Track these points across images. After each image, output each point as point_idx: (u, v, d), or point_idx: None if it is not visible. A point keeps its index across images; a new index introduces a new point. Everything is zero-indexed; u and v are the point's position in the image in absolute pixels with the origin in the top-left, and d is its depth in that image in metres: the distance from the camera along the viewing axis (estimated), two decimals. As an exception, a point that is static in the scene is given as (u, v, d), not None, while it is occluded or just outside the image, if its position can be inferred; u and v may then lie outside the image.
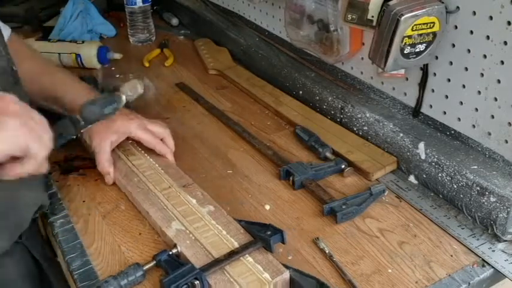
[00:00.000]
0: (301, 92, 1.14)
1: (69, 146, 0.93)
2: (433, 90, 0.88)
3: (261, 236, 0.72)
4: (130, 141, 0.95)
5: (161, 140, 0.94)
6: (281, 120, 1.09)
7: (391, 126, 0.93)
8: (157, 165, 0.91)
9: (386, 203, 0.85)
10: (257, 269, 0.68)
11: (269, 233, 0.72)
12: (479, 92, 0.79)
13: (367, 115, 0.97)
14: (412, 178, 0.89)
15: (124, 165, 0.91)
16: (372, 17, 0.84)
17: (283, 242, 0.73)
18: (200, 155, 0.99)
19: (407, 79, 0.92)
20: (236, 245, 0.73)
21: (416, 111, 0.92)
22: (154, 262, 0.71)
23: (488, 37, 0.75)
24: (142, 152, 0.94)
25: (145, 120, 0.94)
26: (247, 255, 0.71)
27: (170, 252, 0.72)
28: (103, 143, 0.89)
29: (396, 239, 0.77)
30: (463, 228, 0.79)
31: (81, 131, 0.81)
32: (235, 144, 1.02)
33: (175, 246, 0.73)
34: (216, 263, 0.69)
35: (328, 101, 1.06)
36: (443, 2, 0.78)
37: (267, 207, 0.85)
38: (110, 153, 0.90)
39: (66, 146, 0.95)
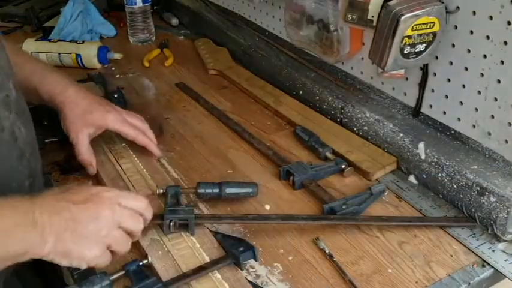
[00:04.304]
0: (301, 92, 1.14)
1: (69, 146, 0.94)
2: (433, 90, 0.88)
3: (233, 251, 0.72)
4: (123, 144, 0.96)
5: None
6: (281, 120, 1.09)
7: (391, 126, 0.93)
8: (145, 170, 0.91)
9: (386, 202, 0.85)
10: (223, 286, 0.68)
11: (241, 249, 0.71)
12: (479, 92, 0.79)
13: (367, 115, 0.97)
14: (412, 178, 0.89)
15: (112, 169, 0.91)
16: (372, 17, 0.84)
17: (255, 259, 0.72)
18: (200, 155, 0.99)
19: (407, 79, 0.92)
20: (207, 259, 0.72)
21: (416, 111, 0.92)
22: (123, 272, 0.70)
23: (488, 37, 0.75)
24: (134, 156, 0.94)
25: (123, 113, 0.93)
26: (215, 271, 0.70)
27: (140, 263, 0.71)
28: (80, 134, 0.88)
29: (396, 239, 0.77)
30: (463, 228, 0.79)
31: None
32: (235, 144, 1.02)
33: (146, 256, 0.73)
34: (182, 278, 0.69)
35: (328, 101, 1.06)
36: (443, 2, 0.78)
37: (267, 207, 0.84)
38: (89, 145, 0.89)
39: (66, 146, 0.95)
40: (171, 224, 0.75)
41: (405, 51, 0.80)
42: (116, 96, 1.13)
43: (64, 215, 0.63)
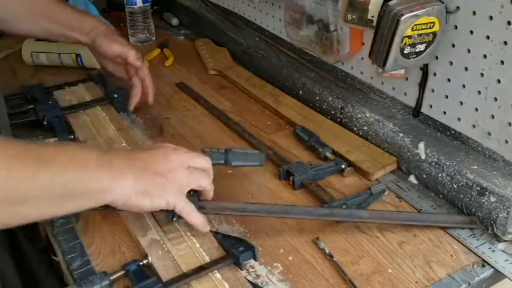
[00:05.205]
0: (301, 92, 1.14)
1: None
2: (433, 90, 0.88)
3: (233, 252, 0.72)
4: (123, 144, 0.95)
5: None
6: (281, 120, 1.09)
7: (391, 126, 0.93)
8: None
9: (386, 202, 0.85)
10: (223, 286, 0.68)
11: (241, 249, 0.71)
12: (479, 92, 0.79)
13: (367, 115, 0.97)
14: (412, 178, 0.89)
15: None
16: (372, 17, 0.84)
17: (255, 259, 0.72)
18: (200, 155, 0.99)
19: (407, 79, 0.92)
20: (207, 259, 0.72)
21: (416, 111, 0.92)
22: (123, 272, 0.70)
23: (488, 37, 0.75)
24: None
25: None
26: (215, 272, 0.70)
27: (140, 263, 0.71)
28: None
29: (396, 239, 0.77)
30: (463, 229, 0.79)
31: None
32: (235, 144, 1.02)
33: (146, 256, 0.73)
34: (182, 278, 0.69)
35: (328, 101, 1.06)
36: (443, 2, 0.78)
37: (267, 207, 0.84)
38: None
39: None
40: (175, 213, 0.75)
41: (405, 51, 0.80)
42: (115, 96, 1.13)
43: (137, 161, 0.70)
